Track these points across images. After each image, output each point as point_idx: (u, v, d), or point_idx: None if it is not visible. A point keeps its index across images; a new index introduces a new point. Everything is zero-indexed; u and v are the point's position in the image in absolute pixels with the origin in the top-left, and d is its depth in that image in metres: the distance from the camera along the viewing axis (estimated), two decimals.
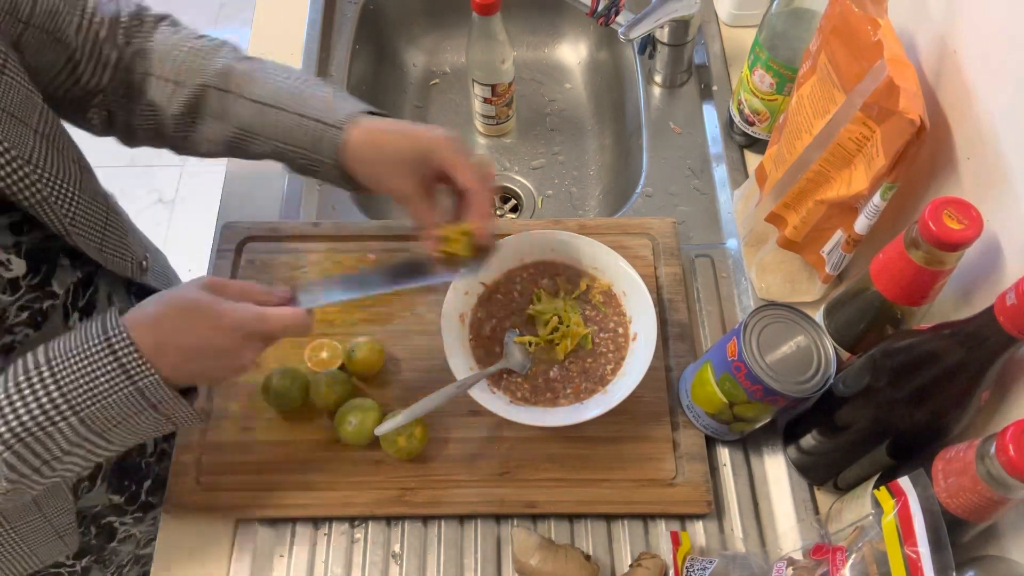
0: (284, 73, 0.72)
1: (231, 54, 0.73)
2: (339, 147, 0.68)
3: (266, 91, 0.70)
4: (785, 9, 0.82)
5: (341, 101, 0.70)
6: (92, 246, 0.67)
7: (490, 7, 0.95)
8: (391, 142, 0.67)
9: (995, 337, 0.53)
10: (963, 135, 0.67)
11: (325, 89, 0.71)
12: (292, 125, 0.69)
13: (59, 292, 0.66)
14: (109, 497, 0.79)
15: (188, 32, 0.75)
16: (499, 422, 0.75)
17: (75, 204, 0.65)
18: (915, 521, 0.53)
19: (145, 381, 0.56)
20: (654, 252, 0.87)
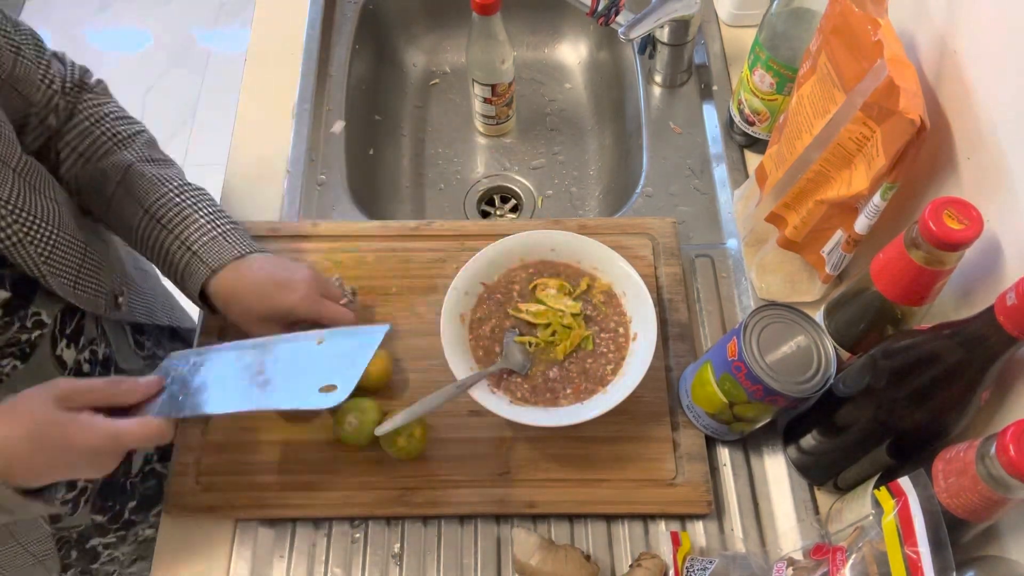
0: (185, 192, 0.73)
1: (140, 151, 0.74)
2: (204, 284, 0.70)
3: (158, 205, 0.71)
4: (785, 9, 0.82)
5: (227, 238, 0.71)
6: (66, 285, 0.66)
7: (490, 7, 0.95)
8: (252, 302, 0.70)
9: (995, 337, 0.53)
10: (963, 135, 0.67)
11: (220, 221, 0.72)
12: (171, 247, 0.71)
13: (47, 321, 0.66)
14: (92, 517, 0.79)
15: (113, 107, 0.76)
16: (499, 422, 0.75)
17: (51, 243, 0.64)
18: (915, 521, 0.53)
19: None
20: (654, 252, 0.87)
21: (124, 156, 0.73)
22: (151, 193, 0.71)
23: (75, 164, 0.73)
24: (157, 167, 0.74)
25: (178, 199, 0.72)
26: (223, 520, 0.75)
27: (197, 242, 0.71)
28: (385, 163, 1.14)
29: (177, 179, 0.74)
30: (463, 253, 0.82)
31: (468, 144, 1.18)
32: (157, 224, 0.71)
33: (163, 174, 0.73)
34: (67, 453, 0.56)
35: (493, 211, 1.14)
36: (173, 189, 0.72)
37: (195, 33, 2.50)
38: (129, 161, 0.73)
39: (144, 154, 0.74)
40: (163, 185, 0.72)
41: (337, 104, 1.05)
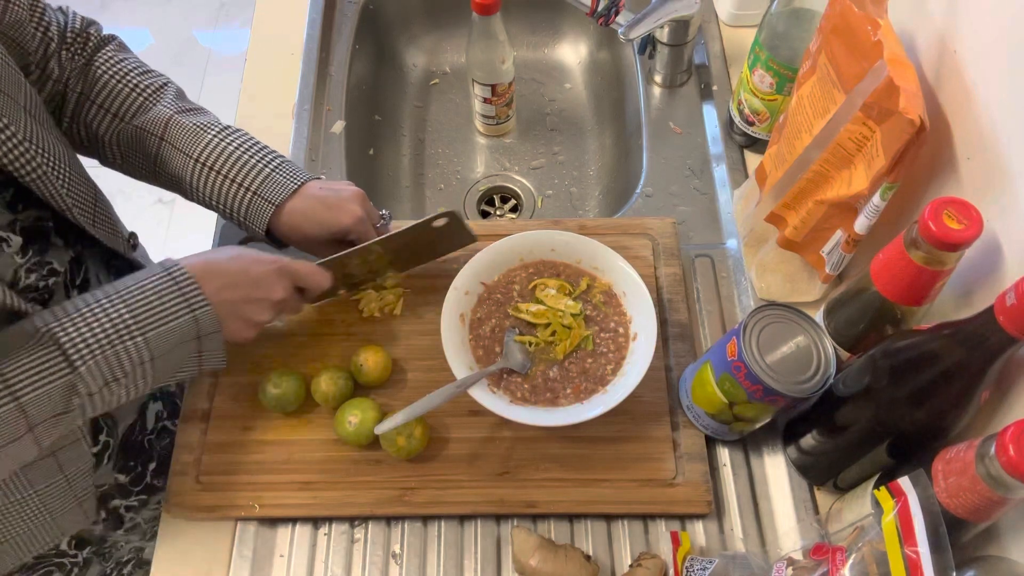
0: (229, 135, 0.76)
1: (174, 102, 0.77)
2: (268, 220, 0.75)
3: (207, 151, 0.75)
4: (785, 9, 0.82)
5: (279, 174, 0.75)
6: (88, 222, 0.69)
7: (490, 7, 0.96)
8: (309, 228, 0.76)
9: (995, 337, 0.53)
10: (963, 135, 0.67)
11: (270, 158, 0.76)
12: (227, 190, 0.75)
13: (60, 269, 0.68)
14: (115, 476, 0.80)
15: (133, 61, 0.78)
16: (499, 422, 0.76)
17: (69, 180, 0.67)
18: (915, 521, 0.53)
19: (201, 310, 0.64)
20: (654, 252, 0.87)
21: (160, 110, 0.75)
22: (197, 142, 0.74)
23: (111, 124, 0.76)
24: (194, 116, 0.76)
25: (225, 144, 0.75)
26: (223, 520, 0.75)
27: (254, 182, 0.74)
28: (385, 163, 1.14)
29: (216, 125, 0.76)
30: (463, 253, 0.82)
31: (468, 144, 1.18)
32: (211, 171, 0.74)
33: (202, 122, 0.76)
34: (257, 264, 0.68)
35: (493, 211, 1.14)
36: (217, 135, 0.75)
37: (195, 33, 2.50)
38: (167, 114, 0.75)
39: (178, 105, 0.77)
40: (206, 133, 0.75)
41: (337, 104, 1.05)
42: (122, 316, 0.61)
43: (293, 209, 0.75)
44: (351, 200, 0.77)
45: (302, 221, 0.75)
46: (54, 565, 0.79)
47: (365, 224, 0.77)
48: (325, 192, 0.76)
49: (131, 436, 0.81)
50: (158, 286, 0.63)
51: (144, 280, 0.63)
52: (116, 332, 0.60)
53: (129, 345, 0.61)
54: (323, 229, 0.76)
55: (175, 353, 0.65)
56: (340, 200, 0.76)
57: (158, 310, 0.62)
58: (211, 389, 0.79)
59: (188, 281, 0.64)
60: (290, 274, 0.70)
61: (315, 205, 0.75)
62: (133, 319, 0.61)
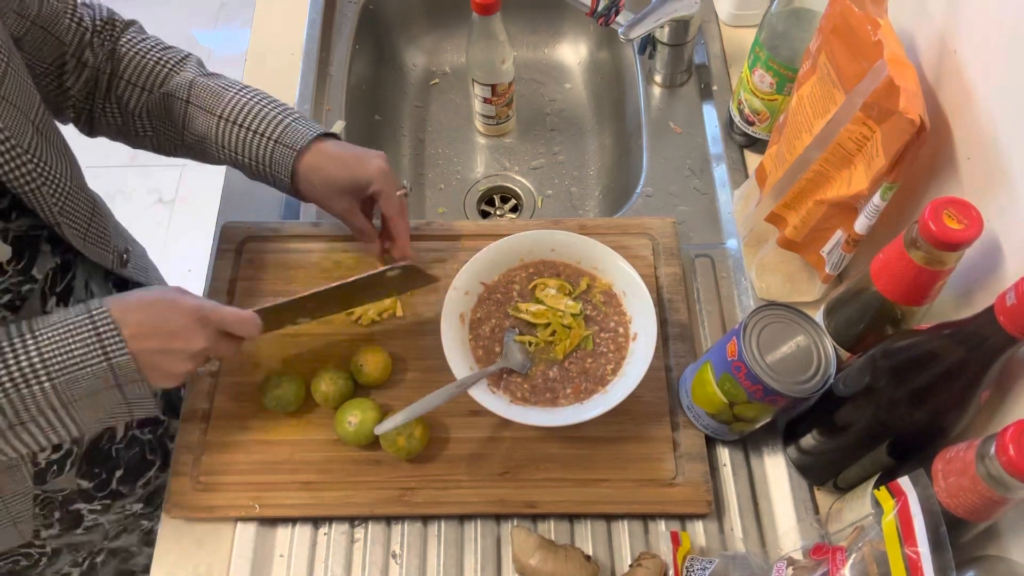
0: (247, 92, 0.78)
1: (196, 68, 0.80)
2: (292, 167, 0.76)
3: (230, 108, 0.77)
4: (785, 9, 0.82)
5: (298, 124, 0.77)
6: (77, 236, 0.69)
7: (490, 7, 0.96)
8: (334, 171, 0.77)
9: (995, 337, 0.53)
10: (963, 135, 0.67)
11: (288, 111, 0.78)
12: (252, 143, 0.77)
13: (38, 277, 0.68)
14: (78, 482, 0.79)
15: (155, 40, 0.81)
16: (499, 422, 0.76)
17: (65, 195, 0.67)
18: (915, 521, 0.53)
19: (117, 359, 0.61)
20: (654, 252, 0.87)
21: (184, 76, 0.78)
22: (220, 100, 0.77)
23: (140, 98, 0.78)
24: (214, 79, 0.79)
25: (246, 100, 0.77)
26: (223, 520, 0.75)
27: (275, 131, 0.76)
28: None
29: (236, 84, 0.79)
30: (463, 253, 0.82)
31: (468, 144, 1.18)
32: (234, 126, 0.77)
33: (223, 83, 0.79)
34: (174, 313, 0.64)
35: (493, 211, 1.14)
36: (237, 93, 0.78)
37: (195, 33, 2.50)
38: (190, 78, 0.78)
39: (201, 71, 0.80)
40: (227, 92, 0.77)
41: (337, 104, 1.05)
42: (31, 359, 0.59)
43: (317, 154, 0.76)
44: (377, 155, 0.78)
45: (327, 162, 0.76)
46: (20, 555, 0.79)
47: (389, 179, 0.78)
48: (350, 147, 0.79)
49: (98, 444, 0.80)
50: (76, 329, 0.60)
51: (65, 321, 0.61)
52: (21, 375, 0.58)
53: (36, 390, 0.59)
54: (347, 173, 0.77)
55: (95, 400, 0.62)
56: (365, 153, 0.78)
57: (71, 355, 0.60)
58: (211, 389, 0.79)
59: (108, 326, 0.61)
60: (214, 322, 0.66)
61: (340, 153, 0.77)
62: (41, 363, 0.59)
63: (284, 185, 0.79)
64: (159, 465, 0.87)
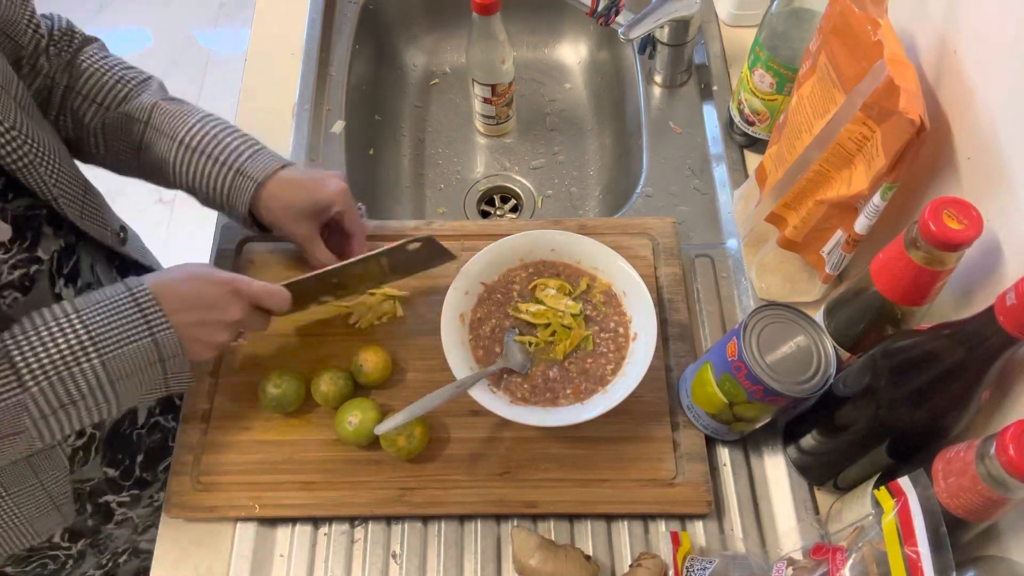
0: (211, 120, 0.78)
1: (159, 91, 0.79)
2: (251, 197, 0.75)
3: (190, 133, 0.76)
4: (785, 9, 0.82)
5: (260, 155, 0.77)
6: (74, 212, 0.70)
7: (490, 7, 0.96)
8: (293, 195, 0.76)
9: (995, 337, 0.53)
10: (963, 135, 0.67)
11: (247, 141, 0.78)
12: (210, 170, 0.76)
13: (44, 258, 0.68)
14: (104, 470, 0.79)
15: (117, 59, 0.80)
16: (499, 422, 0.76)
17: (58, 173, 0.67)
18: (915, 521, 0.53)
19: (161, 333, 0.63)
20: (654, 252, 0.87)
21: (145, 98, 0.77)
22: (181, 126, 0.76)
23: (96, 114, 0.77)
24: (177, 104, 0.78)
25: (207, 128, 0.76)
26: (223, 520, 0.75)
27: (237, 162, 0.76)
28: (385, 163, 1.14)
29: (199, 111, 0.78)
30: (463, 253, 0.82)
31: (468, 144, 1.18)
32: (194, 153, 0.76)
33: (185, 109, 0.78)
34: (210, 285, 0.66)
35: (493, 211, 1.14)
36: (199, 120, 0.77)
37: (195, 33, 2.50)
38: (151, 101, 0.77)
39: (162, 95, 0.79)
40: (190, 118, 0.77)
41: (337, 104, 1.05)
42: (79, 337, 0.60)
43: (276, 184, 0.76)
44: (336, 178, 0.78)
45: (286, 188, 0.76)
46: (48, 557, 0.79)
47: (348, 197, 0.78)
48: (309, 171, 0.79)
49: (119, 429, 0.80)
50: (120, 306, 0.62)
51: (107, 299, 0.62)
52: (72, 353, 0.60)
53: (85, 367, 0.60)
54: (307, 196, 0.76)
55: (137, 376, 0.64)
56: (323, 175, 0.78)
57: (118, 332, 0.62)
58: (211, 389, 0.79)
59: (150, 303, 0.63)
60: (246, 295, 0.69)
61: (298, 178, 0.77)
62: (91, 340, 0.60)
63: (237, 215, 0.78)
64: None
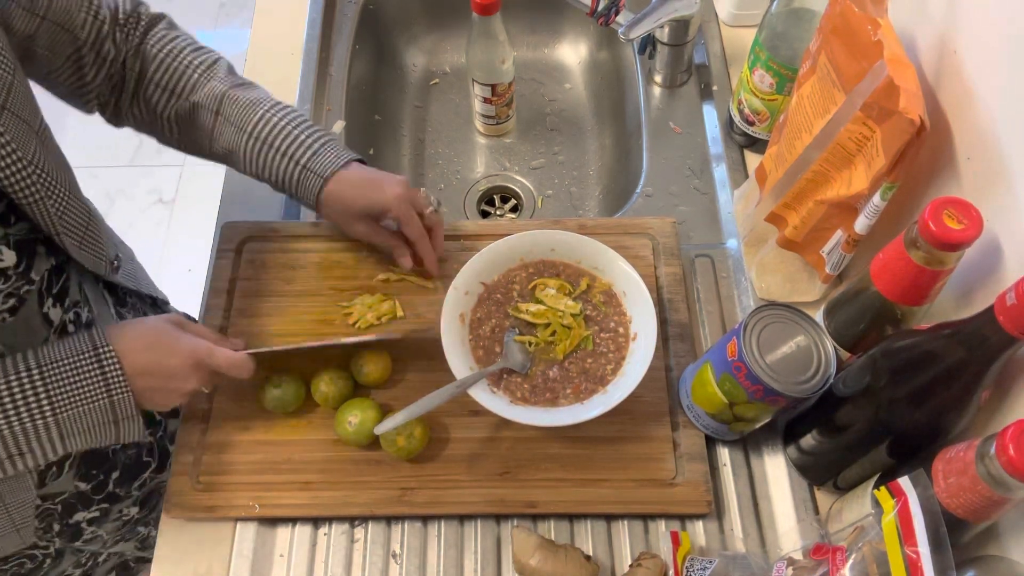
0: (280, 111, 0.78)
1: (227, 77, 0.79)
2: (317, 194, 0.78)
3: (259, 127, 0.77)
4: (785, 9, 0.82)
5: (327, 149, 0.78)
6: (74, 245, 0.70)
7: (490, 7, 0.95)
8: (350, 197, 0.78)
9: (995, 337, 0.53)
10: (963, 135, 0.67)
11: (318, 135, 0.78)
12: (280, 165, 0.77)
13: (35, 278, 0.68)
14: (76, 484, 0.79)
15: (185, 39, 0.80)
16: (499, 422, 0.76)
17: (64, 204, 0.67)
18: (915, 521, 0.53)
19: (118, 396, 0.64)
20: (654, 252, 0.87)
21: (214, 85, 0.78)
22: (250, 116, 0.77)
23: (168, 102, 0.78)
24: (246, 91, 0.79)
25: (277, 118, 0.77)
26: (223, 520, 0.75)
27: (304, 156, 0.77)
28: (385, 163, 1.14)
29: (268, 100, 0.79)
30: (463, 253, 0.82)
31: (468, 144, 1.18)
32: (263, 144, 0.77)
33: (254, 97, 0.78)
34: (172, 356, 0.66)
35: (493, 211, 1.14)
36: (268, 110, 0.77)
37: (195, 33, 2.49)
38: (221, 89, 0.77)
39: (231, 80, 0.79)
40: (258, 107, 0.77)
41: (337, 104, 1.05)
42: (37, 395, 0.61)
43: (338, 182, 0.77)
44: (395, 181, 0.79)
45: (346, 189, 0.78)
46: (25, 557, 0.79)
47: (406, 205, 0.79)
48: (371, 171, 0.80)
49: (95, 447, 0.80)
50: (82, 366, 0.63)
51: (70, 357, 0.63)
52: (27, 410, 0.60)
53: (39, 424, 0.61)
54: (363, 200, 0.78)
55: (92, 434, 0.65)
56: (384, 178, 0.79)
57: (76, 392, 0.62)
58: (211, 389, 0.79)
59: (113, 365, 0.63)
60: (207, 367, 0.69)
61: (359, 178, 0.78)
62: (48, 399, 0.61)
63: (310, 206, 0.80)
64: (155, 467, 0.87)
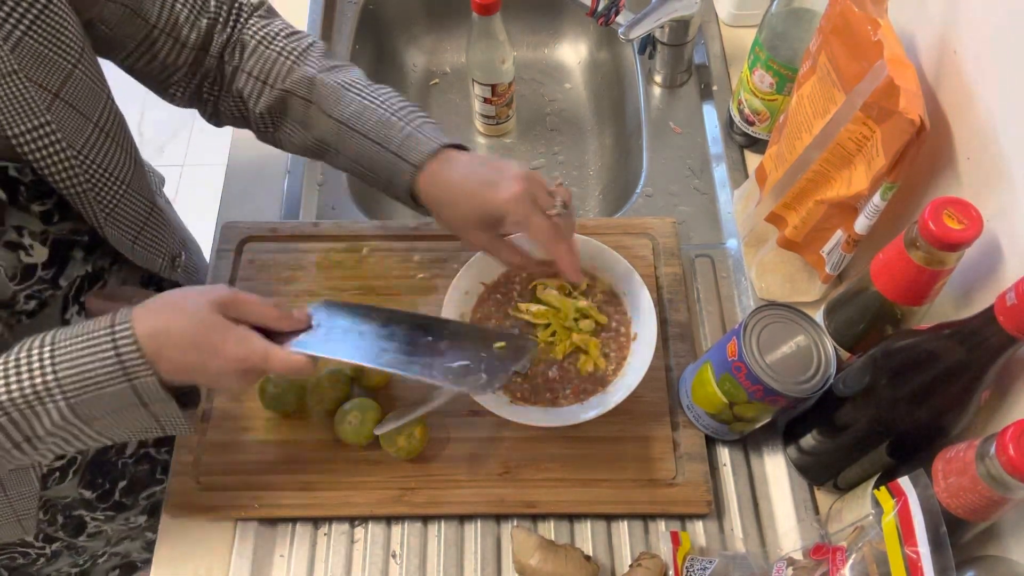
0: (372, 93, 0.71)
1: (318, 61, 0.72)
2: (412, 185, 0.68)
3: (349, 111, 0.70)
4: (785, 9, 0.82)
5: (424, 135, 0.69)
6: (125, 241, 0.67)
7: (490, 7, 0.95)
8: (459, 203, 0.67)
9: (995, 337, 0.53)
10: (963, 135, 0.67)
11: (411, 117, 0.70)
12: (371, 152, 0.69)
13: (63, 284, 0.67)
14: (80, 491, 0.78)
15: (280, 25, 0.74)
16: (499, 422, 0.75)
17: (118, 197, 0.64)
18: (915, 521, 0.53)
19: (140, 380, 0.56)
20: (654, 252, 0.87)
21: (305, 70, 0.71)
22: (340, 101, 0.70)
23: (261, 92, 0.72)
24: (338, 74, 0.72)
25: (367, 102, 0.70)
26: (223, 520, 0.75)
27: (394, 141, 0.68)
28: None
29: (360, 82, 0.72)
30: (463, 253, 0.82)
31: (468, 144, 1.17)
32: (352, 131, 0.69)
33: (346, 80, 0.71)
34: (217, 358, 0.57)
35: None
36: (359, 93, 0.70)
37: None
38: (311, 74, 0.71)
39: (323, 64, 0.72)
40: (349, 91, 0.70)
41: None
42: (44, 376, 0.55)
43: (438, 174, 0.67)
44: (513, 178, 0.65)
45: (451, 193, 0.67)
46: (18, 552, 0.78)
47: (525, 206, 0.65)
48: (480, 164, 0.68)
49: (105, 455, 0.79)
50: (95, 348, 0.56)
51: (83, 338, 0.56)
52: (35, 393, 0.55)
53: (50, 407, 0.55)
54: (474, 206, 0.66)
55: (119, 416, 0.58)
56: (498, 174, 0.66)
57: (87, 374, 0.55)
58: (211, 389, 0.79)
59: (128, 348, 0.56)
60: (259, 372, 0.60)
61: (465, 177, 0.67)
62: (56, 381, 0.55)
63: (409, 203, 0.70)
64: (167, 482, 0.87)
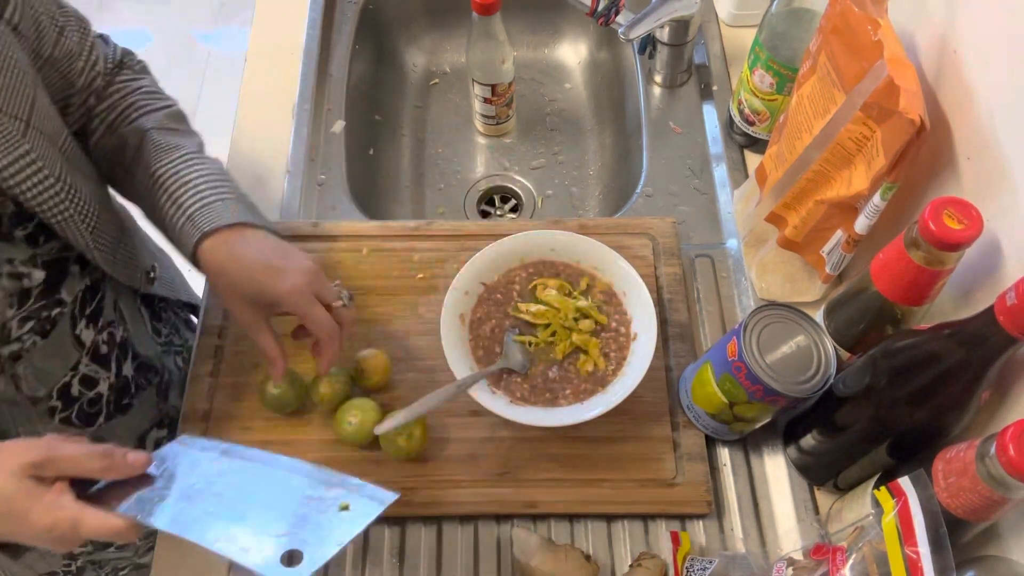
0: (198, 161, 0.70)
1: (163, 120, 0.72)
2: (193, 248, 0.66)
3: (167, 170, 0.69)
4: (785, 9, 0.82)
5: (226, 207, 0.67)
6: (107, 259, 0.68)
7: (490, 7, 0.95)
8: (240, 278, 0.65)
9: (995, 337, 0.53)
10: (963, 135, 0.67)
11: (221, 189, 0.69)
12: (167, 210, 0.68)
13: (67, 300, 0.67)
14: None
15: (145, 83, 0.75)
16: (499, 422, 0.75)
17: (94, 219, 0.65)
18: (915, 521, 0.53)
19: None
20: (654, 252, 0.87)
21: (143, 122, 0.71)
22: (161, 159, 0.69)
23: (103, 135, 0.72)
24: (174, 136, 0.71)
25: (183, 166, 0.69)
26: None
27: (193, 206, 0.66)
28: (385, 163, 1.14)
29: (190, 147, 0.71)
30: (463, 253, 0.82)
31: (468, 144, 1.18)
32: (160, 189, 0.68)
33: (178, 142, 0.71)
34: (25, 528, 0.54)
35: (493, 211, 1.14)
36: (183, 156, 0.69)
37: (195, 33, 2.50)
38: (147, 127, 0.71)
39: (164, 123, 0.72)
40: (174, 152, 0.70)
41: (337, 104, 1.05)
42: None
43: (224, 248, 0.65)
44: (297, 272, 0.65)
45: (231, 266, 0.65)
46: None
47: (305, 300, 0.65)
48: (272, 250, 0.67)
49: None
50: None
51: None
52: None
53: None
54: (251, 288, 0.65)
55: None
56: (284, 263, 0.66)
57: None
58: (211, 389, 0.79)
59: None
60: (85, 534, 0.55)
61: (253, 258, 0.66)
62: None
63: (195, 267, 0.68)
64: None
